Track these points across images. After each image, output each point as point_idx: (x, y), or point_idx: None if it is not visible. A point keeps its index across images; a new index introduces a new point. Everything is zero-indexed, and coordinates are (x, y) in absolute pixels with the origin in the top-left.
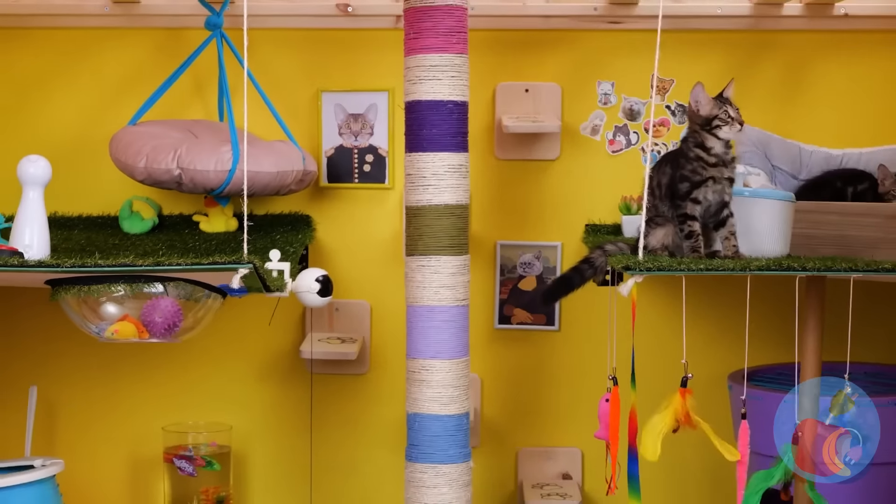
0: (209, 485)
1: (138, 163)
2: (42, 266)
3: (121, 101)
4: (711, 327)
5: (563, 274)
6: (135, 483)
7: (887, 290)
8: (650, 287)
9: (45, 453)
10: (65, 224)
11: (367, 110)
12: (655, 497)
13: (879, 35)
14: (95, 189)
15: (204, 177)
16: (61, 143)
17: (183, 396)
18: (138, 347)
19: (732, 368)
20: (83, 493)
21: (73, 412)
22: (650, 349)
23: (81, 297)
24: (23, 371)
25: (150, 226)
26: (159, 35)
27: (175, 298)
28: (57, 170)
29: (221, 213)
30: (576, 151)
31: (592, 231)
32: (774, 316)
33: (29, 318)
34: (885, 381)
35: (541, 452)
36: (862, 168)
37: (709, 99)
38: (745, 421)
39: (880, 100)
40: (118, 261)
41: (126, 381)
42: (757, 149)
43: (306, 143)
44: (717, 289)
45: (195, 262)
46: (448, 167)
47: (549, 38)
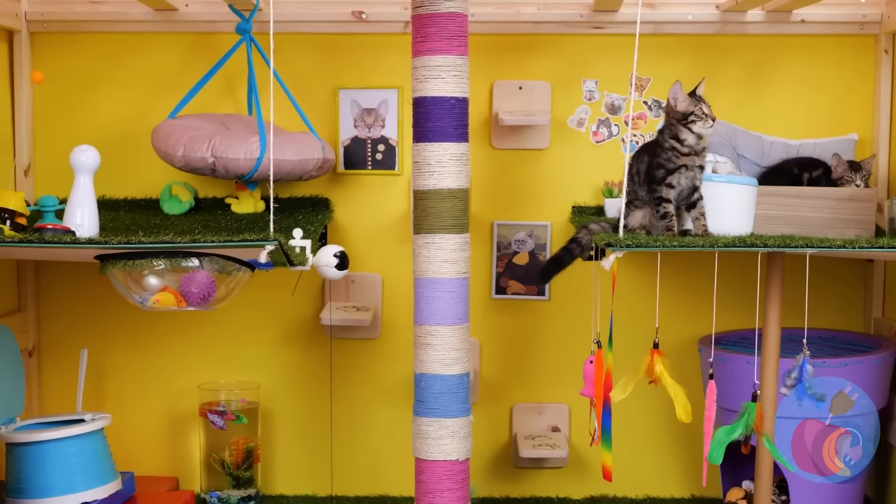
0: (239, 437)
1: (177, 152)
2: (92, 243)
3: (161, 98)
4: (683, 297)
5: (555, 254)
6: (173, 435)
7: (839, 264)
8: (630, 262)
9: (94, 409)
10: (112, 206)
11: (379, 105)
12: (635, 447)
13: (832, 39)
14: (139, 175)
15: (235, 164)
16: (109, 134)
17: (216, 358)
18: (177, 315)
19: (701, 334)
20: (128, 443)
21: (119, 372)
22: (629, 317)
23: (127, 270)
24: (75, 336)
25: (188, 207)
26: (195, 39)
27: (209, 272)
28: (105, 158)
29: (250, 196)
30: (563, 142)
31: (578, 212)
32: (739, 287)
33: (80, 289)
34: (837, 344)
35: (533, 408)
36: (817, 157)
37: (685, 96)
38: (713, 380)
39: (833, 96)
40: (159, 238)
41: (166, 345)
42: (724, 140)
43: (325, 135)
44: (689, 263)
45: (227, 240)
46: (451, 156)
47: (540, 41)
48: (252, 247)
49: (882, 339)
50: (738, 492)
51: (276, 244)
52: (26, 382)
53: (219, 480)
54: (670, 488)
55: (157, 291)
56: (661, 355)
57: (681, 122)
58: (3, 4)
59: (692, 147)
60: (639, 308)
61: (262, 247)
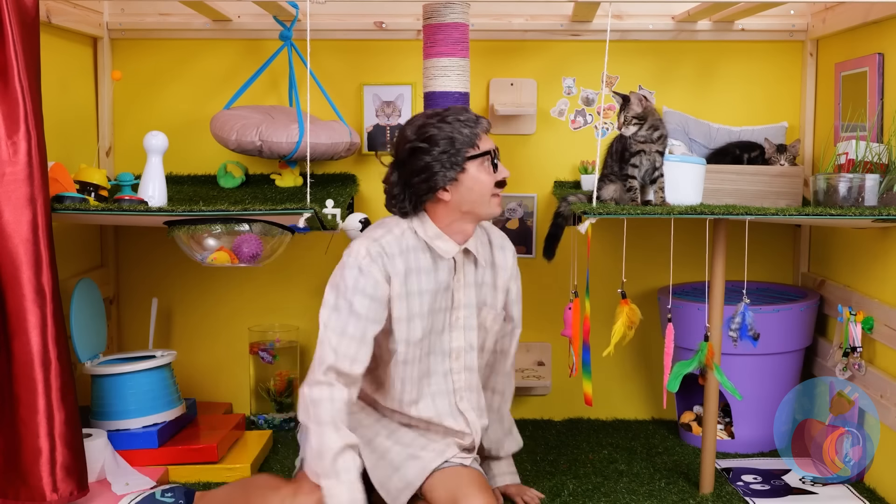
0: (282, 369)
1: (231, 136)
2: (161, 211)
3: (217, 93)
4: (646, 256)
5: (549, 232)
6: (228, 368)
7: (772, 229)
8: (602, 227)
9: (163, 347)
10: (177, 181)
11: (396, 98)
12: (605, 378)
13: (767, 44)
14: (200, 155)
15: (278, 146)
16: (175, 121)
17: (262, 305)
18: (230, 270)
19: (660, 285)
20: (191, 376)
21: (183, 317)
22: (601, 272)
23: (190, 233)
24: (147, 287)
25: (239, 182)
26: (245, 45)
27: (257, 234)
28: (172, 141)
29: (291, 173)
30: (547, 128)
31: (559, 186)
32: (691, 247)
33: (152, 249)
34: (771, 294)
35: (522, 346)
36: (754, 140)
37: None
38: (671, 324)
39: (768, 90)
40: (216, 207)
41: (221, 294)
42: (678, 127)
43: (352, 122)
44: (651, 228)
45: (272, 209)
46: None
47: (528, 46)
48: (292, 214)
49: (807, 289)
50: (690, 415)
51: (311, 212)
52: (107, 325)
53: (265, 405)
54: (634, 412)
55: (215, 250)
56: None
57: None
58: (89, 16)
59: (646, 137)
60: (609, 265)
61: (300, 214)
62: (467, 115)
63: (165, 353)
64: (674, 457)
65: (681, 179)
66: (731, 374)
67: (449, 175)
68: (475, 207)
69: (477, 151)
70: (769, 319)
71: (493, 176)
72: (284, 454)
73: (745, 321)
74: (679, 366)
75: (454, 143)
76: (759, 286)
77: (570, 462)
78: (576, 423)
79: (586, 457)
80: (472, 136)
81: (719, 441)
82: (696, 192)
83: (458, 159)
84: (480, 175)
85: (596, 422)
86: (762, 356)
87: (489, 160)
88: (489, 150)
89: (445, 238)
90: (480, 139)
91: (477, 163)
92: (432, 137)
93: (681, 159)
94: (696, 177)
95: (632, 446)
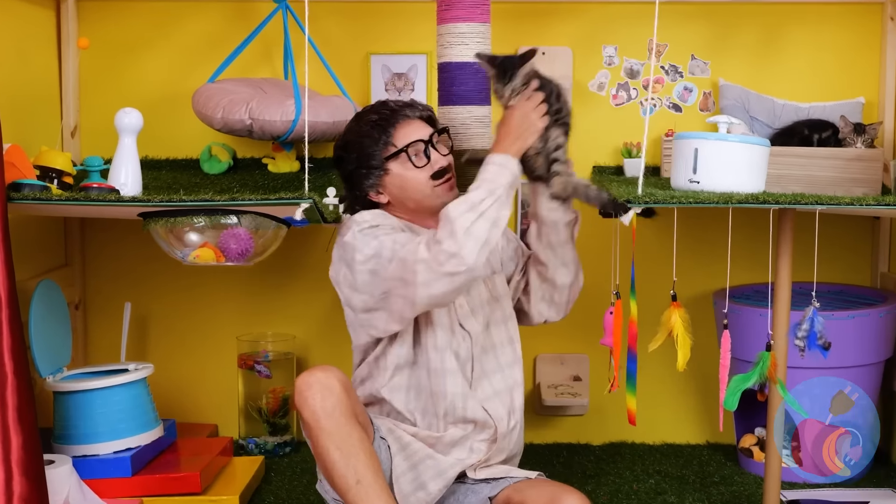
0: (276, 385)
1: (216, 114)
2: (135, 201)
3: (201, 63)
4: (699, 252)
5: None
6: (213, 384)
7: (847, 221)
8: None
9: (137, 359)
10: (154, 165)
11: (408, 70)
12: (652, 395)
13: (841, 6)
14: (180, 136)
15: (271, 126)
16: (151, 97)
17: (253, 311)
18: (216, 269)
19: (716, 287)
20: (170, 393)
21: (160, 324)
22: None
23: (168, 227)
24: (119, 290)
25: (226, 167)
26: (233, 7)
27: (247, 228)
28: (148, 120)
29: (286, 157)
30: (585, 105)
31: (598, 171)
32: (752, 242)
33: (124, 245)
34: (845, 298)
35: (554, 357)
36: (825, 118)
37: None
38: (727, 331)
39: (841, 61)
40: (199, 196)
41: (206, 298)
42: (738, 103)
43: (358, 98)
44: (704, 220)
45: (264, 198)
46: (474, 118)
47: (562, 8)
48: (288, 205)
49: (888, 292)
50: (750, 438)
51: (310, 202)
52: (73, 334)
53: (256, 427)
54: (686, 434)
55: (198, 247)
56: (679, 308)
57: None
58: None
59: None
60: (656, 263)
61: (297, 205)
62: (383, 110)
63: (140, 366)
64: (732, 487)
65: (740, 163)
66: (795, 392)
67: (370, 182)
68: (420, 204)
69: (394, 150)
70: (843, 326)
71: (425, 169)
72: (278, 484)
73: (813, 328)
74: (737, 380)
75: (363, 147)
76: (830, 288)
77: (610, 493)
78: (618, 447)
79: (630, 487)
80: (383, 135)
81: (785, 469)
82: (757, 178)
83: (375, 163)
84: (407, 172)
85: (641, 446)
86: (834, 369)
87: (421, 152)
88: (407, 144)
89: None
90: (396, 134)
91: (399, 161)
92: (347, 144)
93: (740, 140)
94: (757, 160)
95: (683, 475)
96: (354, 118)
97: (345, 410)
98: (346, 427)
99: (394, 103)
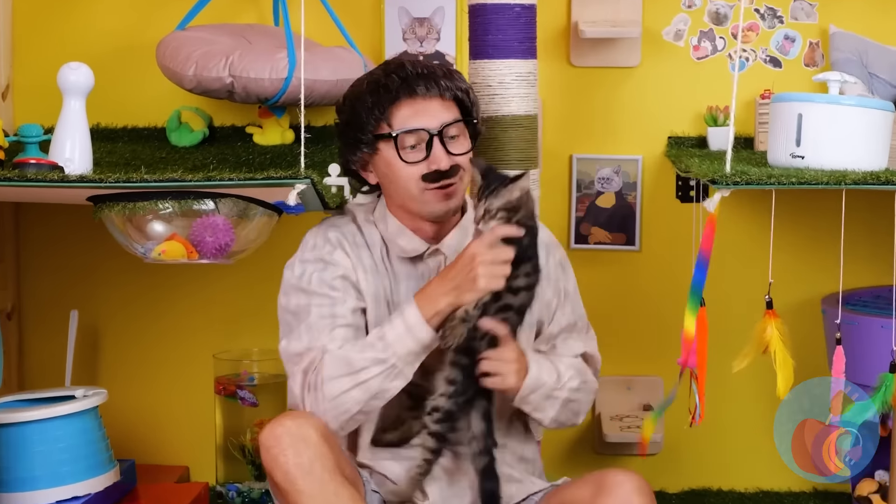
0: (264, 417)
1: (187, 70)
2: (84, 181)
3: (168, 4)
4: (802, 247)
5: None
6: (183, 415)
7: None
8: (737, 203)
9: (86, 383)
10: (108, 136)
11: (433, 14)
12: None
13: None
14: (141, 99)
15: (258, 85)
16: (104, 49)
17: (235, 321)
18: (187, 269)
19: (826, 291)
20: (129, 426)
21: (116, 338)
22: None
23: (126, 214)
24: (63, 294)
25: (200, 138)
26: None
27: (227, 216)
28: (99, 78)
29: (277, 125)
30: (658, 58)
31: (675, 144)
32: (871, 234)
33: (70, 237)
34: None
35: (619, 381)
36: None
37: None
38: (840, 347)
39: None
40: (165, 175)
41: (174, 305)
42: (853, 56)
43: (368, 50)
44: (809, 205)
45: (248, 177)
46: (515, 75)
47: None
48: (279, 186)
49: None
50: (870, 484)
51: (308, 182)
52: (4, 351)
53: (238, 470)
54: (787, 480)
55: (164, 240)
56: (775, 318)
57: None
58: None
59: None
60: (746, 260)
61: (291, 186)
62: (395, 73)
63: (90, 391)
64: None
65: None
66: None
67: (357, 156)
68: (405, 204)
69: (385, 131)
70: None
71: (418, 165)
72: None
73: None
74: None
75: (356, 112)
76: None
77: None
78: (700, 496)
79: None
80: (377, 108)
81: None
82: (878, 152)
83: (364, 137)
84: (395, 162)
85: (730, 494)
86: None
87: (423, 143)
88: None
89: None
90: (395, 112)
91: (391, 145)
92: (345, 100)
93: (857, 102)
94: (878, 129)
95: None
96: (369, 71)
97: (326, 465)
98: (330, 485)
99: (413, 68)
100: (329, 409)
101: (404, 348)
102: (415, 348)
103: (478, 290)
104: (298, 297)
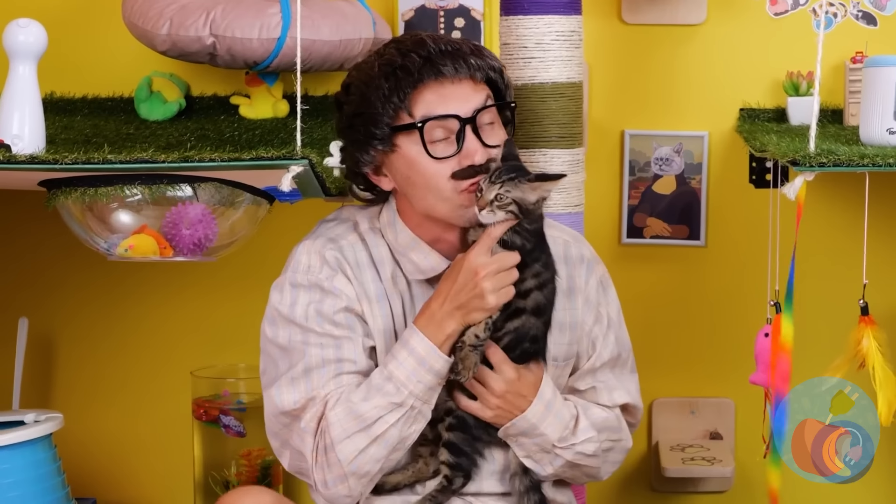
0: (251, 447)
1: (160, 29)
2: (35, 162)
3: None
4: None
5: None
6: (155, 444)
7: None
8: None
9: (38, 406)
10: (65, 108)
11: None
12: None
13: None
14: (104, 63)
15: (245, 46)
16: (60, 4)
17: (217, 332)
18: (159, 268)
19: None
20: (89, 457)
21: (73, 352)
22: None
23: (86, 202)
24: (10, 299)
25: (175, 110)
26: None
27: (207, 204)
28: (54, 38)
29: (268, 95)
30: (727, 13)
31: (749, 117)
32: None
33: (19, 230)
34: None
35: (682, 404)
36: None
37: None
38: None
39: None
40: (133, 155)
41: (144, 313)
42: None
43: (377, 3)
44: None
45: (234, 158)
46: (556, 34)
47: None
48: (270, 168)
49: None
50: None
51: (305, 164)
52: None
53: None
54: None
55: (132, 234)
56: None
57: None
58: None
59: None
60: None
61: (285, 168)
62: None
63: (42, 415)
64: None
65: None
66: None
67: (368, 156)
68: (433, 208)
69: (407, 121)
70: None
71: (447, 161)
72: None
73: None
74: None
75: (367, 100)
76: None
77: None
78: None
79: None
80: (396, 94)
81: None
82: None
83: (378, 131)
84: (420, 159)
85: None
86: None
87: (453, 135)
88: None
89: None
90: (417, 98)
91: (413, 139)
92: (350, 87)
93: None
94: None
95: None
96: (376, 51)
97: None
98: None
99: (436, 44)
100: (347, 476)
101: (420, 385)
102: (432, 382)
103: (488, 309)
104: (290, 330)
